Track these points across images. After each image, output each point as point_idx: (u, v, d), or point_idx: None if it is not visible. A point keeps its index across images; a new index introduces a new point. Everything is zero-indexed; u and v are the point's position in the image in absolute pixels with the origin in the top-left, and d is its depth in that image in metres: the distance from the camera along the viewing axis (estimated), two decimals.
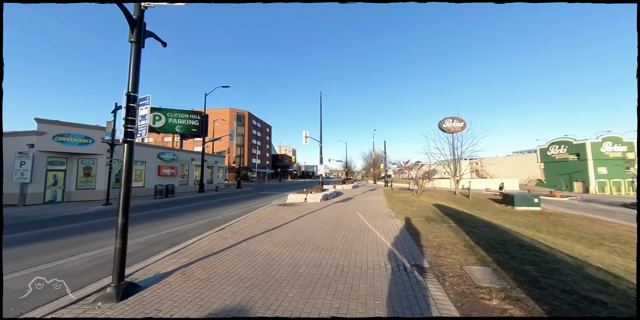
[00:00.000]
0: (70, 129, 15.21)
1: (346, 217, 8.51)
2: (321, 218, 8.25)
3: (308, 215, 8.74)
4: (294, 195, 13.32)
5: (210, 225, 7.70)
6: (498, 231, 6.32)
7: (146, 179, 19.48)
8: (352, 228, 6.66)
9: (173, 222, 8.54)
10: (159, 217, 9.48)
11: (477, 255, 4.17)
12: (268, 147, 75.34)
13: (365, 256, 4.33)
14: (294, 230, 6.47)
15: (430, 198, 16.62)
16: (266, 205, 11.99)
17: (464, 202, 19.38)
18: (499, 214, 16.31)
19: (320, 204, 11.96)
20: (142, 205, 13.68)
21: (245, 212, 10.52)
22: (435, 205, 12.04)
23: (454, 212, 10.03)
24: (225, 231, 6.37)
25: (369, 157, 66.61)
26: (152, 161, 20.19)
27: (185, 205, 13.37)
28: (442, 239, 5.24)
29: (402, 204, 11.72)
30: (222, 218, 9.20)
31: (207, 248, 4.91)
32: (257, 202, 14.56)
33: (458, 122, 45.45)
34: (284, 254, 4.47)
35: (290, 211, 9.79)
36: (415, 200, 13.51)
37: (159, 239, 6.12)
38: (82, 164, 16.13)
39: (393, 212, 9.56)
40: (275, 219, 8.06)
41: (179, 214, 10.24)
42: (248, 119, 60.45)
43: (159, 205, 13.52)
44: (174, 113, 27.83)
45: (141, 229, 7.37)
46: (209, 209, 11.69)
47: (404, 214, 8.95)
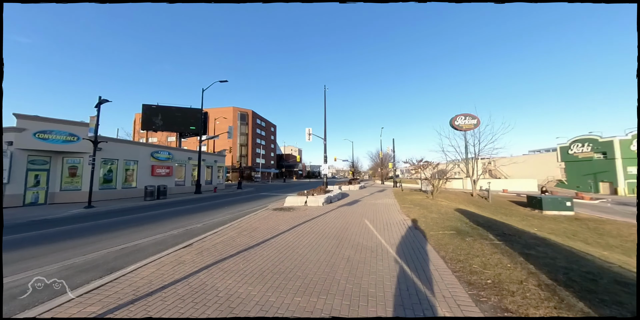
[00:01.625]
0: (52, 126, 14.06)
1: (352, 227, 6.84)
2: (320, 229, 6.60)
3: (305, 225, 7.10)
4: (292, 198, 11.72)
5: (182, 238, 6.17)
6: (564, 253, 4.53)
7: (138, 180, 18.27)
8: (359, 246, 4.99)
9: (141, 231, 7.06)
10: (130, 225, 8.03)
11: (574, 309, 2.46)
12: (273, 146, 74.15)
13: (382, 307, 2.66)
14: (282, 248, 4.85)
15: (448, 201, 14.74)
16: (261, 210, 10.44)
17: (484, 206, 17.37)
18: (527, 219, 14.29)
19: (322, 209, 10.31)
20: (125, 209, 12.34)
21: (233, 218, 8.99)
22: (457, 210, 10.22)
23: (484, 220, 8.22)
24: (190, 249, 4.81)
25: (376, 157, 64.54)
26: (145, 160, 18.97)
27: (172, 209, 11.97)
28: (496, 270, 3.51)
29: (418, 209, 9.96)
30: (202, 226, 7.68)
31: (147, 281, 3.35)
32: (253, 205, 13.05)
33: (471, 119, 43.06)
34: (252, 299, 2.85)
35: (285, 218, 8.18)
36: (432, 204, 11.70)
37: (101, 260, 4.61)
38: (67, 163, 14.97)
39: (409, 219, 7.82)
40: (263, 230, 6.46)
41: (157, 221, 8.78)
42: (252, 118, 59.34)
43: (143, 209, 12.15)
44: (172, 111, 26.73)
45: (94, 243, 5.89)
46: (195, 214, 10.22)
47: (424, 222, 7.21)
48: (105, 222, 8.73)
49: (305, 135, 21.36)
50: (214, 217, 9.36)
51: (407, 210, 9.73)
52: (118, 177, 16.93)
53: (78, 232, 7.07)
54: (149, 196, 15.85)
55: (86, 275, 3.82)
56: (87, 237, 6.53)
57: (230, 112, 55.22)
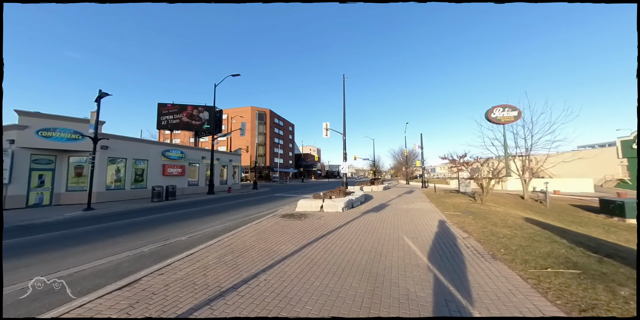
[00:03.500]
0: (56, 123, 13.37)
1: (387, 250, 4.64)
2: (339, 253, 4.48)
3: (317, 244, 5.03)
4: (306, 202, 9.69)
5: (143, 262, 4.39)
6: None
7: (149, 179, 17.38)
8: (411, 301, 2.80)
9: (109, 247, 5.43)
10: (107, 235, 6.50)
11: None
12: (291, 146, 73.13)
13: None
14: (272, 299, 2.81)
15: (502, 206, 11.85)
16: (268, 215, 8.55)
17: (543, 211, 14.09)
18: (611, 231, 10.98)
19: (341, 216, 8.17)
20: (126, 212, 11.13)
21: (232, 227, 7.17)
22: (527, 220, 7.54)
23: (585, 238, 5.56)
24: (125, 295, 2.95)
25: (399, 155, 60.80)
26: (156, 159, 18.09)
27: (173, 212, 10.52)
28: None
29: (472, 219, 7.44)
30: (187, 240, 5.92)
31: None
32: (262, 209, 11.26)
33: (510, 111, 38.29)
34: None
35: (292, 230, 6.16)
36: (485, 211, 9.05)
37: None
38: (72, 162, 14.30)
39: (470, 237, 5.42)
40: (256, 253, 4.49)
41: (142, 229, 7.21)
42: (270, 117, 58.56)
43: (143, 212, 10.84)
44: (186, 109, 26.06)
45: (32, 265, 4.30)
46: (193, 220, 8.58)
47: (499, 243, 4.80)
48: (86, 229, 7.34)
49: (323, 130, 19.31)
50: (210, 225, 7.62)
51: (459, 221, 7.25)
52: (127, 177, 16.09)
53: (42, 245, 5.64)
54: (156, 197, 14.74)
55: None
56: (41, 253, 5.02)
57: (248, 112, 54.84)
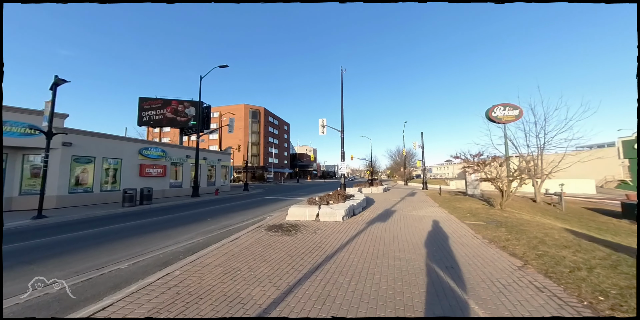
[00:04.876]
0: (7, 115, 11.40)
1: (418, 297, 3.00)
2: (345, 307, 2.82)
3: (308, 288, 3.36)
4: (299, 209, 7.99)
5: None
6: None
7: (123, 181, 15.45)
8: None
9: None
10: (20, 261, 4.70)
11: None
12: (286, 145, 71.27)
13: None
14: None
15: (521, 212, 10.37)
16: (251, 228, 6.84)
17: (562, 216, 12.70)
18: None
19: (342, 229, 6.52)
20: (84, 220, 9.26)
21: (199, 245, 5.46)
22: (580, 235, 6.00)
23: None
24: None
25: (396, 155, 59.59)
26: (132, 158, 16.17)
27: (138, 221, 8.71)
28: None
29: (510, 234, 5.86)
30: (127, 268, 4.18)
31: None
32: (247, 216, 9.55)
33: (512, 110, 37.23)
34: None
35: (275, 257, 4.46)
36: (519, 221, 7.51)
37: None
38: (28, 161, 12.33)
39: (532, 268, 3.80)
40: (208, 308, 2.80)
41: (76, 251, 5.39)
42: (264, 116, 56.63)
43: (104, 221, 8.99)
44: (170, 104, 24.09)
45: None
46: (154, 234, 6.82)
47: (589, 285, 3.21)
48: (10, 249, 5.50)
49: (319, 127, 17.69)
50: (175, 241, 5.88)
51: (490, 235, 5.67)
52: (95, 179, 14.14)
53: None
54: (127, 202, 12.84)
55: None
56: None
57: (240, 110, 52.84)
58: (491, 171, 10.01)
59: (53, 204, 12.32)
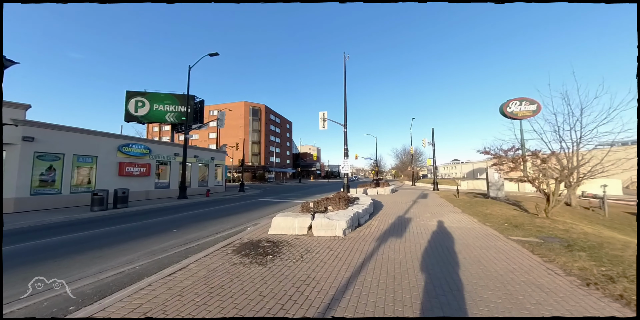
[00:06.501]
0: None
1: None
2: None
3: None
4: (286, 219, 6.01)
5: None
6: None
7: (99, 181, 13.74)
8: None
9: None
10: None
11: None
12: (288, 145, 69.47)
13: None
14: None
15: (566, 219, 8.24)
16: (217, 245, 4.96)
17: (610, 224, 10.50)
18: None
19: (342, 252, 4.56)
20: (32, 229, 7.47)
21: (119, 283, 3.58)
22: None
23: None
24: None
25: (402, 154, 57.30)
26: (109, 156, 14.45)
27: (80, 233, 6.87)
28: None
29: (595, 261, 3.84)
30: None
31: None
32: (226, 225, 7.66)
33: (529, 105, 34.66)
34: None
35: (217, 316, 2.53)
36: (585, 236, 5.44)
37: None
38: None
39: None
40: None
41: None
42: (265, 114, 54.89)
43: (55, 230, 7.19)
44: (160, 98, 22.43)
45: None
46: (69, 260, 4.97)
47: None
48: None
49: (319, 121, 15.74)
50: (95, 272, 4.02)
51: (575, 269, 3.65)
52: (64, 179, 12.43)
53: None
54: (97, 205, 11.07)
55: None
56: None
57: (241, 107, 51.19)
58: (531, 169, 7.95)
59: (10, 207, 10.63)
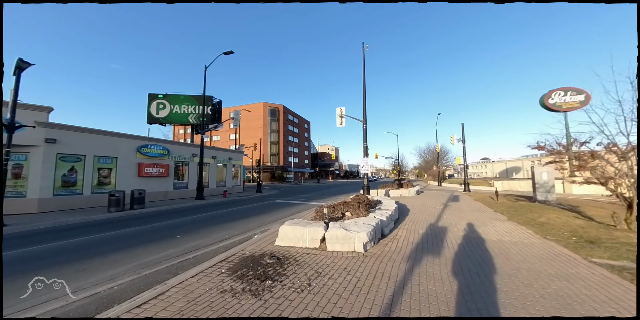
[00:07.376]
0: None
1: None
2: None
3: None
4: (295, 228, 5.08)
5: None
6: None
7: (119, 182, 13.90)
8: None
9: None
10: None
11: None
12: (307, 144, 69.09)
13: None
14: None
15: None
16: (213, 260, 4.19)
17: None
18: None
19: (363, 276, 3.53)
20: (47, 230, 7.35)
21: (118, 294, 2.87)
22: None
23: None
24: None
25: (426, 153, 54.29)
26: (129, 157, 14.61)
27: (101, 235, 6.52)
28: None
29: None
30: None
31: None
32: (233, 231, 6.96)
33: (575, 95, 30.97)
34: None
35: None
36: None
37: None
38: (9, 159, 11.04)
39: None
40: None
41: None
42: (283, 114, 54.88)
43: (70, 232, 6.97)
44: (179, 99, 22.77)
45: None
46: (64, 268, 4.45)
47: None
48: None
49: (336, 117, 14.71)
50: (90, 285, 3.37)
51: None
52: (85, 179, 12.64)
53: None
54: (114, 206, 11.05)
55: None
56: None
57: (259, 108, 51.59)
58: (603, 168, 6.30)
59: (34, 208, 10.91)
